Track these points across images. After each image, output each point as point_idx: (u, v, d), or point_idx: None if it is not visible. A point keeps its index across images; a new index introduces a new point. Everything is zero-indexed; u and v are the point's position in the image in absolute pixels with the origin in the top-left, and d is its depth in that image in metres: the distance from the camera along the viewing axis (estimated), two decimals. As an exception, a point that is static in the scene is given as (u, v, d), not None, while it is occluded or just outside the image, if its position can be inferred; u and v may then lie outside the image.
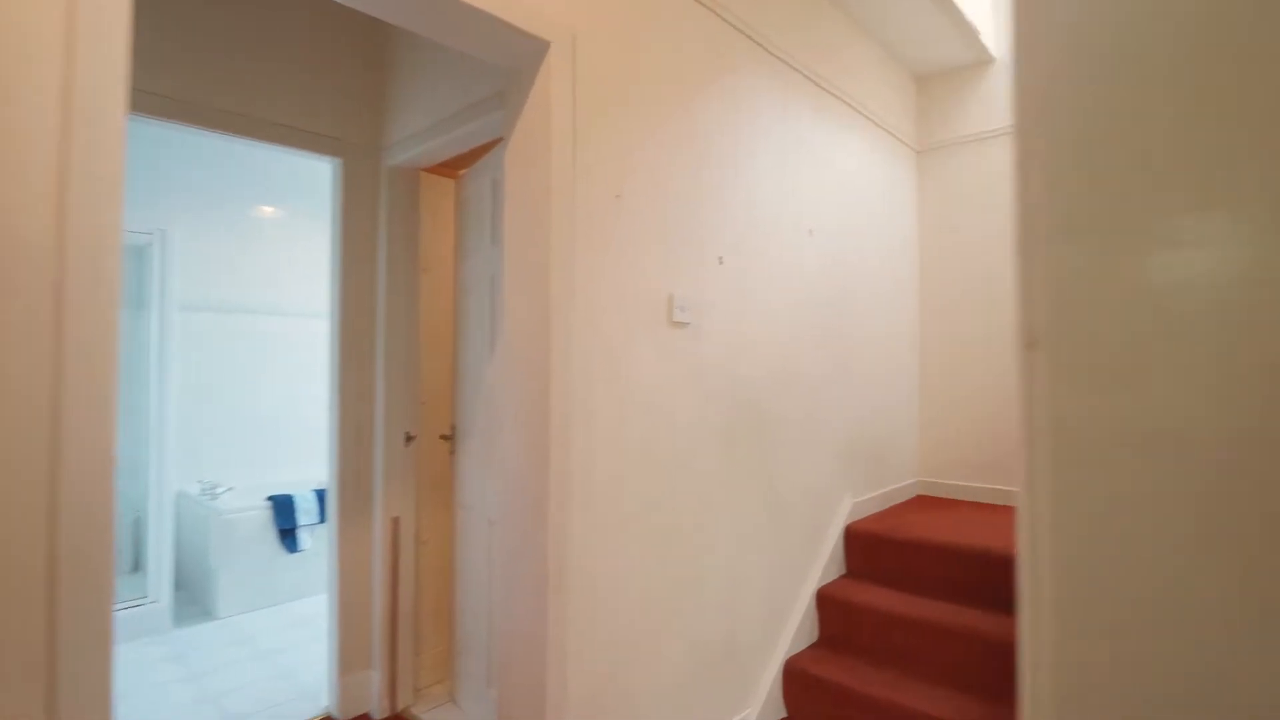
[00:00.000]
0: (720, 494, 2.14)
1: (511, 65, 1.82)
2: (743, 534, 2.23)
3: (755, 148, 2.34)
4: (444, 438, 2.65)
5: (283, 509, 3.65)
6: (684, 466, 2.01)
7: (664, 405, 1.95)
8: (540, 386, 1.71)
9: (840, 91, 2.82)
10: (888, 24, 2.96)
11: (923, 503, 3.18)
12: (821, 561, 2.59)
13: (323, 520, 3.74)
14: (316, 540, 3.76)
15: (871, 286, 3.05)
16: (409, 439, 2.57)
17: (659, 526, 1.93)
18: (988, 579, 2.31)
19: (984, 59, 3.20)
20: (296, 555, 3.71)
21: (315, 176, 4.13)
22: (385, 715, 2.50)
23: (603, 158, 1.80)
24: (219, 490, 3.81)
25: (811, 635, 2.51)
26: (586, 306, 1.75)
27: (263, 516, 3.62)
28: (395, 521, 2.55)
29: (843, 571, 2.70)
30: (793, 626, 2.42)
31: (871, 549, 2.63)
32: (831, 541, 2.64)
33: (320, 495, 3.78)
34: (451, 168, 2.77)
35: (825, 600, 2.50)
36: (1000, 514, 2.92)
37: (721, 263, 2.17)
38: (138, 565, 3.72)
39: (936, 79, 3.40)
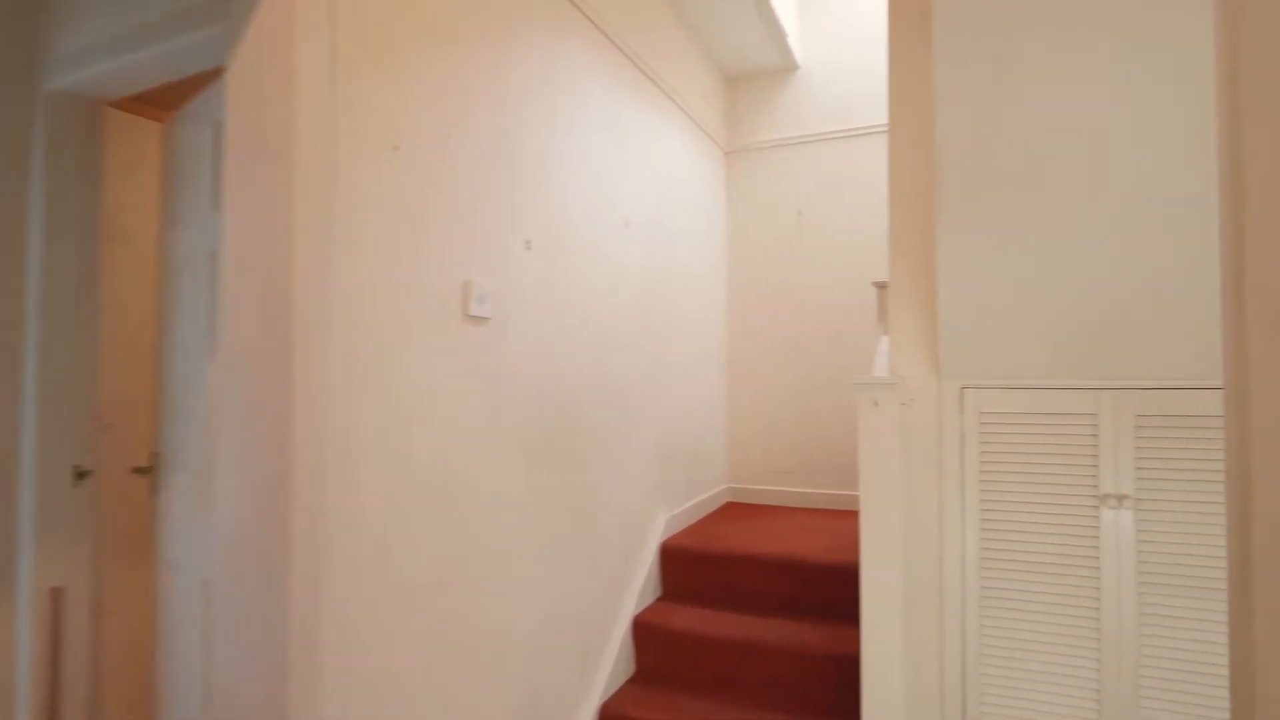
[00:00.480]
0: (527, 523, 1.78)
1: (234, -53, 1.30)
2: (553, 567, 1.89)
3: (572, 122, 2.03)
4: (140, 471, 1.93)
5: (-124, 583, 2.49)
6: (483, 494, 1.62)
7: (458, 419, 1.54)
8: (279, 399, 1.22)
9: (661, 80, 2.63)
10: (705, 18, 2.85)
11: (734, 511, 3.12)
12: (637, 586, 2.35)
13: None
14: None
15: (685, 283, 2.91)
16: (80, 475, 1.82)
17: (452, 576, 1.52)
18: (808, 589, 2.25)
19: (789, 65, 3.26)
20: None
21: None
22: None
23: (376, 95, 1.36)
24: None
25: (628, 669, 2.25)
26: (349, 293, 1.29)
27: None
28: (56, 593, 1.78)
29: (659, 594, 2.49)
30: (609, 665, 2.13)
31: (689, 567, 2.45)
32: (648, 562, 2.42)
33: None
34: (160, 106, 2.06)
35: (642, 628, 2.26)
36: (813, 518, 2.94)
37: (530, 248, 1.82)
38: None
39: (745, 81, 3.40)
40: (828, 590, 2.20)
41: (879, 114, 3.05)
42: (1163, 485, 1.55)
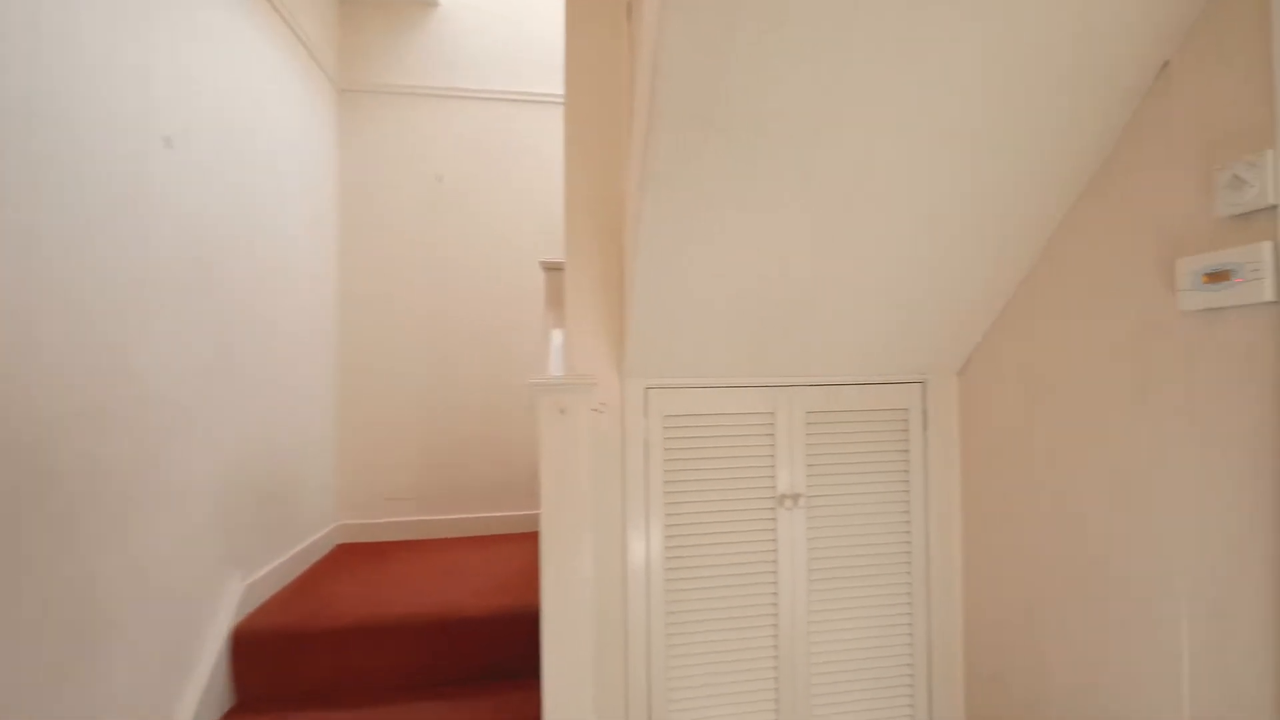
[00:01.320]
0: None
1: None
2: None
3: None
4: None
5: None
6: None
7: None
8: None
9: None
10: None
11: (349, 557, 2.39)
12: (189, 708, 1.50)
13: None
14: None
15: (274, 249, 2.10)
16: None
17: None
18: (460, 651, 1.74)
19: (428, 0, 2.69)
20: None
21: None
22: None
23: None
24: None
25: None
26: None
27: None
28: None
29: (232, 704, 1.66)
30: None
31: (281, 654, 1.69)
32: (207, 664, 1.58)
33: None
34: None
35: (198, 775, 1.44)
36: (460, 552, 2.40)
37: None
38: None
39: (368, 5, 2.69)
40: (488, 646, 1.75)
41: (540, 79, 2.75)
42: (828, 481, 1.56)
